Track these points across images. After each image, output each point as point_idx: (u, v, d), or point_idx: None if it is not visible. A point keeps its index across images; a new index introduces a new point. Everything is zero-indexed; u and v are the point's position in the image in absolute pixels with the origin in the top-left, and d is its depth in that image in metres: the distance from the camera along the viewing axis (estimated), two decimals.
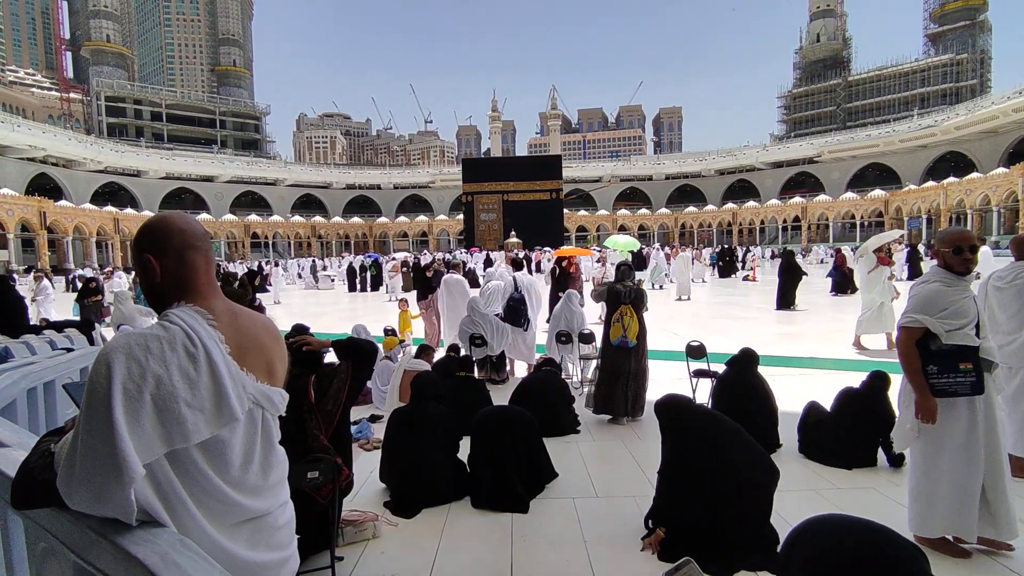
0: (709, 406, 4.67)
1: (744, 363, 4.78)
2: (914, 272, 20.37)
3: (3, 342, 4.61)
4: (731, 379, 4.75)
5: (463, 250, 44.76)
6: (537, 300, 7.89)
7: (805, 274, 14.92)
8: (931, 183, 50.30)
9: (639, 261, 27.61)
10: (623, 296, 5.46)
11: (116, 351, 1.11)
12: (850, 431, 4.22)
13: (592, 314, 8.54)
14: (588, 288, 10.91)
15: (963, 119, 53.88)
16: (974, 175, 45.16)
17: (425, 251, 43.12)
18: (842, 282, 16.77)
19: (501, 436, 3.88)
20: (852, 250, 28.67)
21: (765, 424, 4.44)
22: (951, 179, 46.81)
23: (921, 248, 27.96)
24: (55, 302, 14.61)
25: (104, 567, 1.11)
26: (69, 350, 4.54)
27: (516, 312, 7.27)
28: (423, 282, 9.74)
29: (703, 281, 23.00)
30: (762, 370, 4.81)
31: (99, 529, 1.11)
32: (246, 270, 13.38)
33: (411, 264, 24.68)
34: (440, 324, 8.96)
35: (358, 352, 2.98)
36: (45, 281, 14.65)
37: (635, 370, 5.34)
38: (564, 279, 10.18)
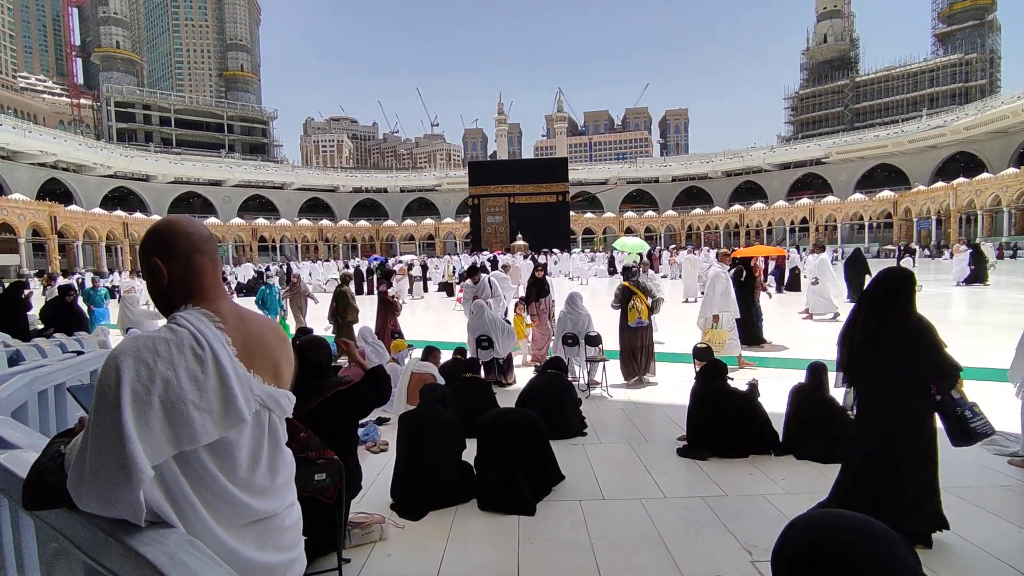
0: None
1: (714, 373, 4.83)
2: (978, 273, 18.65)
3: (14, 345, 4.66)
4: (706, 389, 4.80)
5: (483, 252, 44.38)
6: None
7: (869, 272, 15.07)
8: (941, 184, 49.87)
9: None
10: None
11: (125, 354, 1.13)
12: (805, 424, 4.41)
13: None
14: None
15: (972, 119, 53.41)
16: (984, 175, 44.76)
17: (524, 251, 38.97)
18: (785, 280, 18.59)
19: (508, 438, 3.88)
20: (797, 248, 28.10)
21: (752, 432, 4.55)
22: (961, 179, 46.40)
23: (989, 248, 25.00)
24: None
25: (114, 567, 1.12)
26: (79, 353, 4.59)
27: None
28: (537, 284, 8.82)
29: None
30: (770, 372, 4.79)
31: (109, 529, 1.12)
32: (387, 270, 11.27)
33: (419, 266, 24.78)
34: (552, 328, 8.33)
35: (379, 388, 3.01)
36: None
37: (647, 343, 6.99)
38: (751, 283, 9.09)
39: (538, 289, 8.73)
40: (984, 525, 3.26)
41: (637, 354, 6.91)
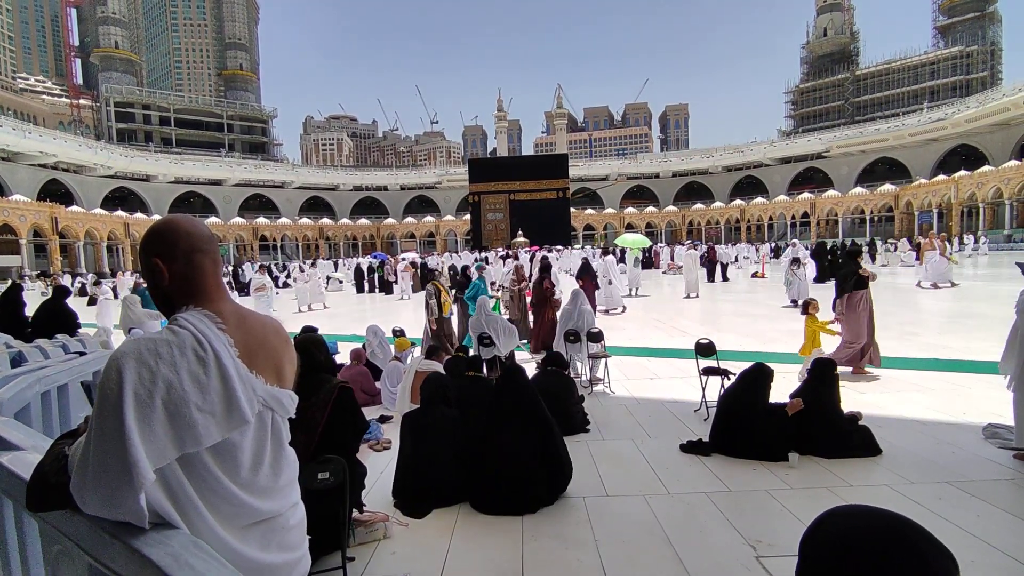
0: (717, 405, 4.68)
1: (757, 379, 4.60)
2: None
3: (17, 346, 4.67)
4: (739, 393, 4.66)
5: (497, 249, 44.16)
6: None
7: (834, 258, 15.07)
8: (942, 177, 49.65)
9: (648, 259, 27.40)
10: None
11: (127, 356, 1.12)
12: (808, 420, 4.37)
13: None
14: None
15: (974, 112, 53.19)
16: (986, 168, 44.56)
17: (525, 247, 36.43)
18: (712, 272, 21.79)
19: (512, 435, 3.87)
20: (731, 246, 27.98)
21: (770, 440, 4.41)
22: (962, 172, 46.21)
23: None
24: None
25: (118, 568, 1.11)
26: (82, 354, 4.59)
27: None
28: (856, 273, 7.04)
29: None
30: (771, 367, 4.75)
31: (113, 531, 1.11)
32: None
33: (419, 264, 24.75)
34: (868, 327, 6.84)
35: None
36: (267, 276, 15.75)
37: (451, 330, 8.61)
38: None
39: (857, 281, 6.98)
40: (988, 519, 3.26)
41: (451, 339, 8.44)
